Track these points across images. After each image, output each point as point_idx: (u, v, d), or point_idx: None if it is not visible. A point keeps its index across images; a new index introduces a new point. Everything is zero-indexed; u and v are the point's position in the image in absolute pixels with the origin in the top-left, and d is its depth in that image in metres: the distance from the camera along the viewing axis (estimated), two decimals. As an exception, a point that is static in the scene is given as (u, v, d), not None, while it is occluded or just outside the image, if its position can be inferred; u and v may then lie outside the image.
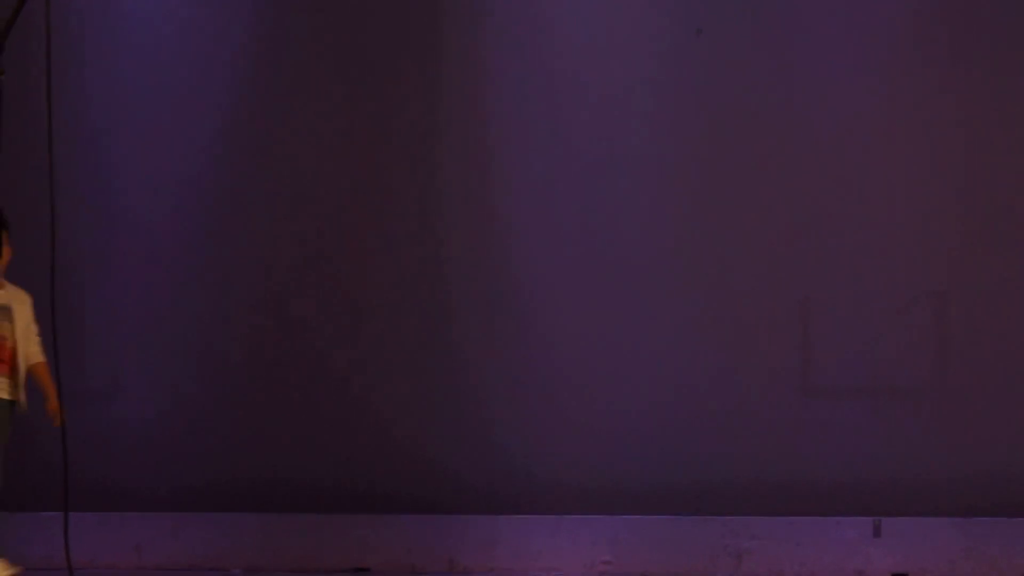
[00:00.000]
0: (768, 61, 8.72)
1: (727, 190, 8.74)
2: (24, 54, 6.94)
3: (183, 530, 9.08)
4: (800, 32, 8.71)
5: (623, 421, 8.71)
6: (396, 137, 9.16)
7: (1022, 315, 8.46)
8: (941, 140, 8.57)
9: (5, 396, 7.79)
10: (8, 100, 6.07)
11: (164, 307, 9.33)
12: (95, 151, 9.47)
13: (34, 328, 7.85)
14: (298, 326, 9.21)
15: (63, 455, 7.79)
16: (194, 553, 9.01)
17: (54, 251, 7.79)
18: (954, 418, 8.46)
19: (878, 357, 8.54)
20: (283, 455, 9.07)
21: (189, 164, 9.37)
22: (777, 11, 8.75)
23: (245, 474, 9.10)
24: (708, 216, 8.75)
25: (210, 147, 9.33)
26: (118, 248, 9.40)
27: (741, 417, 8.61)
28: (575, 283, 8.84)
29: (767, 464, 8.53)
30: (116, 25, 9.51)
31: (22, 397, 7.79)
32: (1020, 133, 8.53)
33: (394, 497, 8.91)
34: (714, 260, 8.71)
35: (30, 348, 7.82)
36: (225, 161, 9.36)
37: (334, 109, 9.24)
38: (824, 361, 8.58)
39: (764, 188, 8.70)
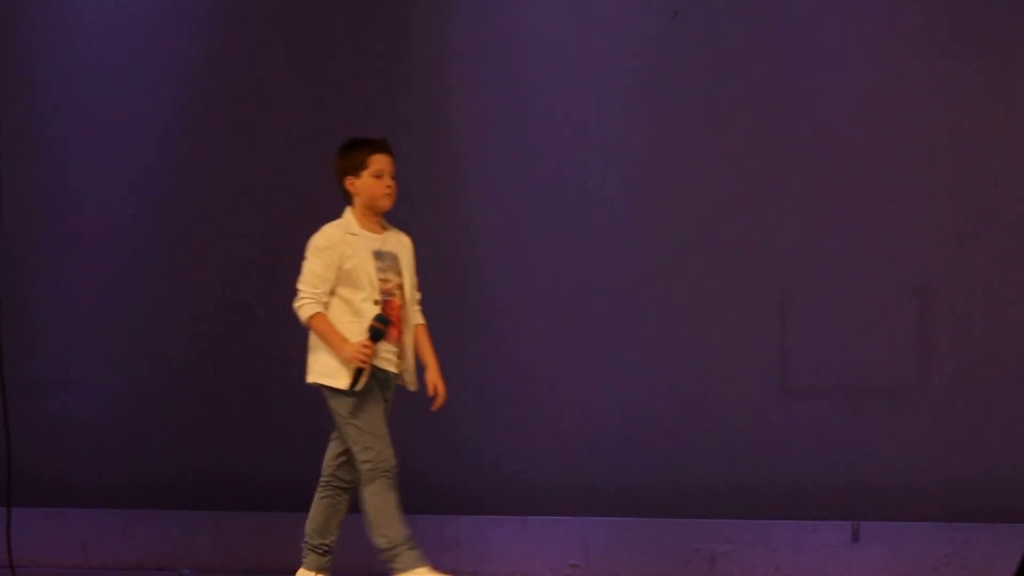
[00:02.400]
0: (749, 47, 8.55)
1: (704, 183, 8.57)
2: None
3: (133, 528, 8.93)
4: (784, 16, 8.54)
5: (593, 418, 8.57)
6: (363, 127, 8.87)
7: (1008, 313, 8.30)
8: (928, 134, 8.41)
9: (392, 369, 6.73)
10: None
11: (118, 295, 9.19)
12: (46, 134, 9.27)
13: (416, 280, 6.79)
14: (257, 319, 9.05)
15: (6, 447, 7.67)
16: (143, 552, 8.92)
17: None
18: (937, 419, 8.31)
19: (858, 355, 8.39)
20: (239, 451, 8.92)
21: (145, 149, 9.20)
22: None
23: (199, 470, 8.96)
24: (683, 209, 8.59)
25: (168, 133, 9.17)
26: (70, 233, 9.26)
27: (715, 416, 8.46)
28: (545, 278, 8.69)
29: (742, 465, 8.39)
30: (73, 6, 9.33)
31: (409, 369, 6.76)
32: (1009, 129, 8.37)
33: (353, 495, 8.71)
34: (689, 254, 8.56)
35: (415, 306, 6.79)
36: (183, 148, 9.23)
37: (299, 99, 9.09)
38: (802, 359, 8.45)
39: (743, 181, 8.53)
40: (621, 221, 8.64)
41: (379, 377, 6.66)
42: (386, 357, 6.67)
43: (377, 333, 6.56)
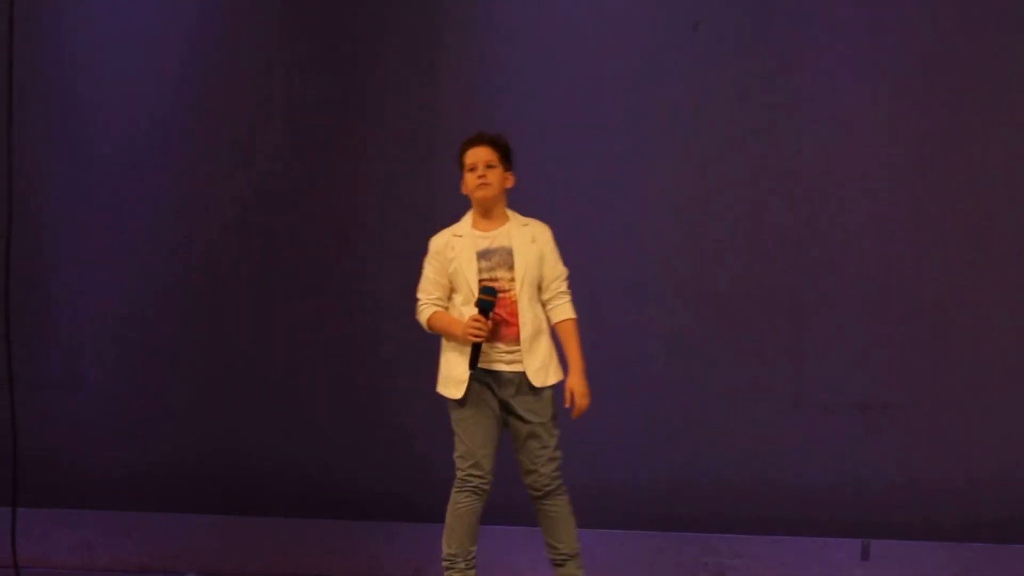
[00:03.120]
0: (768, 60, 8.50)
1: (720, 193, 8.53)
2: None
3: (138, 529, 8.83)
4: (803, 28, 8.50)
5: (600, 431, 8.38)
6: (376, 126, 8.89)
7: (1021, 329, 8.27)
8: (943, 148, 8.38)
9: (506, 368, 6.47)
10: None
11: (127, 296, 9.07)
12: (60, 137, 9.12)
13: (555, 272, 6.55)
14: (270, 321, 8.93)
15: (13, 446, 7.63)
16: (149, 554, 8.82)
17: (10, 231, 7.72)
18: (950, 437, 8.27)
19: (871, 371, 8.35)
20: (245, 455, 8.83)
21: (158, 151, 9.05)
22: (779, 5, 8.53)
23: (207, 472, 8.87)
24: (698, 219, 8.55)
25: (182, 135, 9.03)
26: (80, 233, 9.14)
27: (726, 430, 8.41)
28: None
29: (751, 479, 8.35)
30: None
31: (533, 366, 6.46)
32: (1021, 143, 8.33)
33: (361, 502, 8.69)
34: (702, 266, 8.51)
35: (552, 300, 6.57)
36: (195, 150, 9.07)
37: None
38: (815, 374, 8.40)
39: (758, 191, 8.50)
40: (634, 231, 8.58)
41: (489, 381, 6.52)
42: (495, 357, 6.49)
43: (485, 305, 6.40)
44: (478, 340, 6.44)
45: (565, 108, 8.67)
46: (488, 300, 6.42)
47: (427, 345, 8.55)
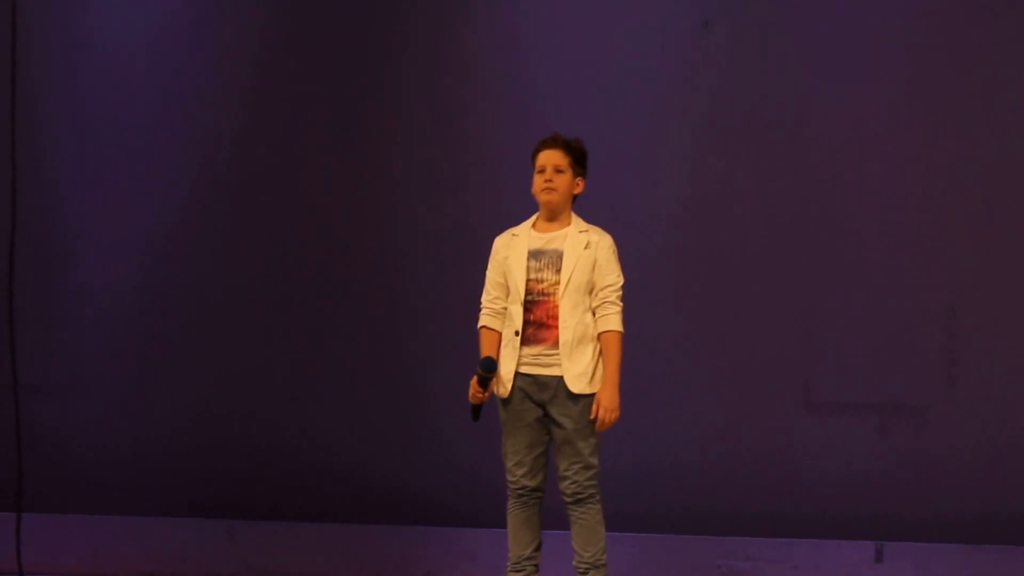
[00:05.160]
0: (779, 59, 8.46)
1: (730, 193, 8.50)
2: None
3: (145, 535, 8.79)
4: (814, 27, 8.46)
5: (613, 433, 8.23)
6: (382, 131, 8.84)
7: (1033, 328, 8.26)
8: (954, 149, 8.35)
9: (543, 372, 6.41)
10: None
11: (130, 300, 9.01)
12: (62, 136, 9.06)
13: (606, 280, 6.45)
14: (272, 323, 8.87)
15: (16, 451, 7.58)
16: (156, 559, 8.77)
17: (14, 231, 7.66)
18: (962, 438, 8.24)
19: (884, 373, 8.32)
20: (251, 459, 8.78)
21: (163, 156, 8.98)
22: (790, 4, 8.49)
23: (211, 478, 8.82)
24: (708, 220, 8.51)
25: (187, 139, 8.95)
26: (83, 236, 9.08)
27: (738, 432, 8.38)
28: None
29: (764, 482, 8.32)
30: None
31: (572, 372, 6.40)
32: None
33: (369, 507, 8.65)
34: (714, 268, 8.48)
35: (599, 309, 6.52)
36: (201, 155, 8.99)
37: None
38: (827, 376, 8.37)
39: (769, 192, 8.47)
40: (643, 232, 8.53)
41: (529, 385, 6.48)
42: (528, 361, 6.47)
43: (482, 380, 6.46)
44: (476, 402, 6.51)
45: (572, 109, 8.59)
46: (483, 376, 6.46)
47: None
